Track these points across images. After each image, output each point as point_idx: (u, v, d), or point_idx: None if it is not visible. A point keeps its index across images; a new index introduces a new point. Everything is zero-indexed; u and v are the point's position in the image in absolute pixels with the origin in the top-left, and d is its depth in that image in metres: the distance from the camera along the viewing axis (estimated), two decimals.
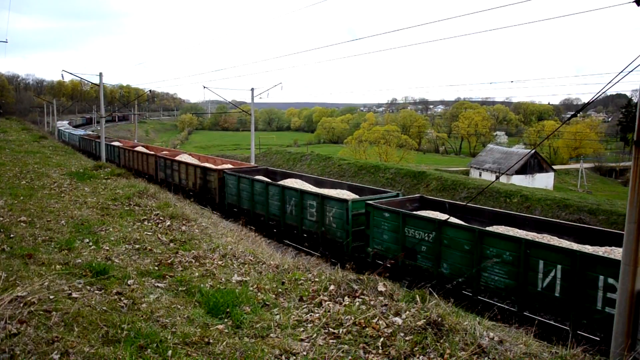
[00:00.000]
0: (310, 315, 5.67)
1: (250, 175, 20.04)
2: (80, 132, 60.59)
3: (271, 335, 5.14)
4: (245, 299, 6.08)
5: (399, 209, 12.95)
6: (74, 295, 5.54)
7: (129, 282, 6.43)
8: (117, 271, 6.80)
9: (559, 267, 9.30)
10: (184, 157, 27.15)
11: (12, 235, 8.29)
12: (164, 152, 31.93)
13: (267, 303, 6.10)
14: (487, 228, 11.47)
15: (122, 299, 5.78)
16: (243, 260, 8.13)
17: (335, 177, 35.63)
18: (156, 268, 7.35)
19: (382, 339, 4.92)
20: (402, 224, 12.48)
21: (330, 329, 5.23)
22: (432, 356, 4.58)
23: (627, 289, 6.47)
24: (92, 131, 68.90)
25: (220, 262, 7.88)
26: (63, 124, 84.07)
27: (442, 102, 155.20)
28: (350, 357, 4.66)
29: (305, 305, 5.99)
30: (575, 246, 10.23)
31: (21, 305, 4.79)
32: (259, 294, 6.40)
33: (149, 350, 4.52)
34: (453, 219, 12.22)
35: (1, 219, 9.41)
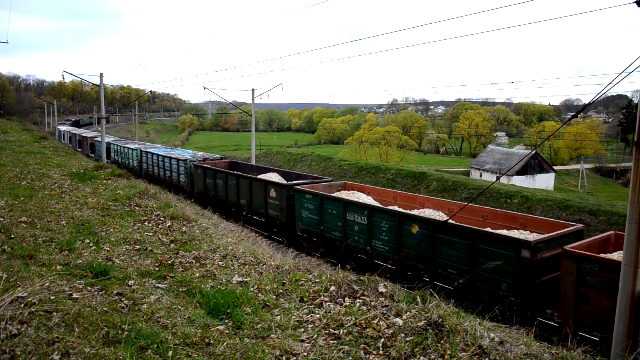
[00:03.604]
0: (311, 315, 5.66)
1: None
2: (157, 149, 32.79)
3: (272, 335, 5.14)
4: (245, 300, 6.08)
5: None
6: (74, 295, 5.54)
7: (129, 282, 6.43)
8: (118, 272, 6.80)
9: None
10: None
11: (12, 236, 8.29)
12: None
13: (267, 304, 6.10)
14: None
15: (123, 299, 5.78)
16: (244, 260, 8.13)
17: (337, 177, 35.59)
18: (157, 269, 7.35)
19: (382, 340, 4.92)
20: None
21: (330, 330, 5.23)
22: (432, 357, 4.58)
23: (628, 290, 6.47)
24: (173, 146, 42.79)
25: (220, 263, 7.88)
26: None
27: (442, 103, 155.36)
28: (350, 358, 4.66)
29: (306, 306, 5.99)
30: None
31: (22, 305, 4.79)
32: (259, 294, 6.40)
33: (150, 350, 4.52)
34: None
35: (2, 219, 9.40)
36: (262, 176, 21.18)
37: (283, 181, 19.98)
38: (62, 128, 68.79)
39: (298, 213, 17.13)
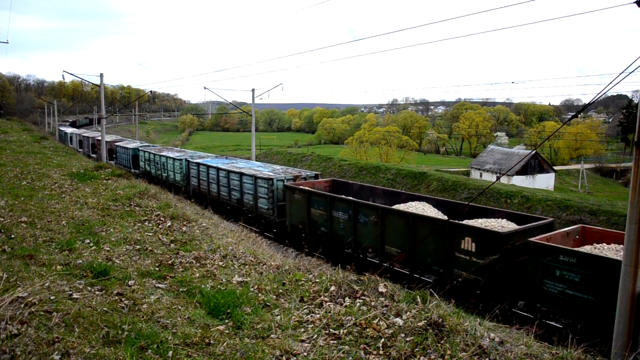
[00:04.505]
0: (311, 316, 5.66)
1: None
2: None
3: (272, 336, 5.14)
4: (245, 300, 6.08)
5: None
6: (74, 295, 5.54)
7: (129, 282, 6.43)
8: (118, 272, 6.80)
9: None
10: None
11: (12, 236, 8.30)
12: None
13: (267, 304, 6.10)
14: None
15: (123, 299, 5.78)
16: (244, 261, 8.13)
17: (337, 177, 35.57)
18: (157, 269, 7.35)
19: (382, 340, 4.92)
20: None
21: (331, 330, 5.23)
22: (432, 357, 4.57)
23: (628, 290, 6.47)
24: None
25: (220, 263, 7.88)
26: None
27: (442, 103, 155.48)
28: (351, 358, 4.66)
29: (306, 306, 5.99)
30: None
31: (22, 306, 4.79)
32: (259, 294, 6.40)
33: (150, 350, 4.52)
34: None
35: (2, 219, 9.41)
36: (402, 207, 14.68)
37: (440, 215, 14.33)
38: (68, 130, 60.92)
39: (535, 282, 10.41)
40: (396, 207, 14.82)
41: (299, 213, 17.50)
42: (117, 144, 39.11)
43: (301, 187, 17.84)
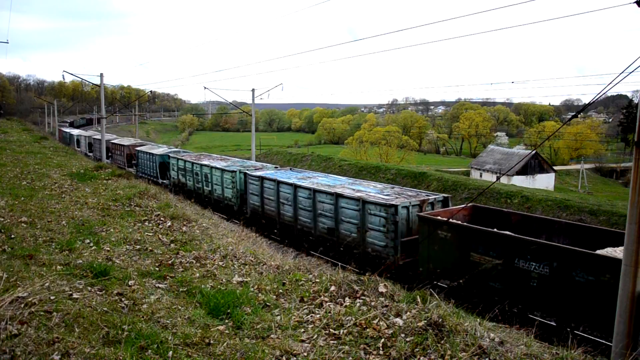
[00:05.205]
0: (311, 316, 5.66)
1: None
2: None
3: (272, 336, 5.14)
4: (245, 300, 6.08)
5: None
6: (74, 295, 5.54)
7: (129, 282, 6.43)
8: (118, 272, 6.80)
9: None
10: None
11: (13, 236, 8.29)
12: None
13: (267, 304, 6.11)
14: None
15: (123, 299, 5.78)
16: (244, 261, 8.13)
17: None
18: (157, 269, 7.36)
19: (382, 340, 4.92)
20: None
21: (331, 330, 5.23)
22: (432, 357, 4.58)
23: (628, 290, 6.47)
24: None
25: (221, 263, 7.88)
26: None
27: (442, 103, 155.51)
28: (351, 358, 4.66)
29: (306, 306, 5.99)
30: None
31: (22, 306, 4.79)
32: (259, 294, 6.40)
33: (150, 351, 4.52)
34: None
35: (2, 219, 9.41)
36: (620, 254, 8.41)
37: None
38: (75, 132, 55.72)
39: None
40: (604, 253, 9.95)
41: (446, 257, 12.36)
42: (138, 148, 32.95)
43: (448, 220, 12.55)
